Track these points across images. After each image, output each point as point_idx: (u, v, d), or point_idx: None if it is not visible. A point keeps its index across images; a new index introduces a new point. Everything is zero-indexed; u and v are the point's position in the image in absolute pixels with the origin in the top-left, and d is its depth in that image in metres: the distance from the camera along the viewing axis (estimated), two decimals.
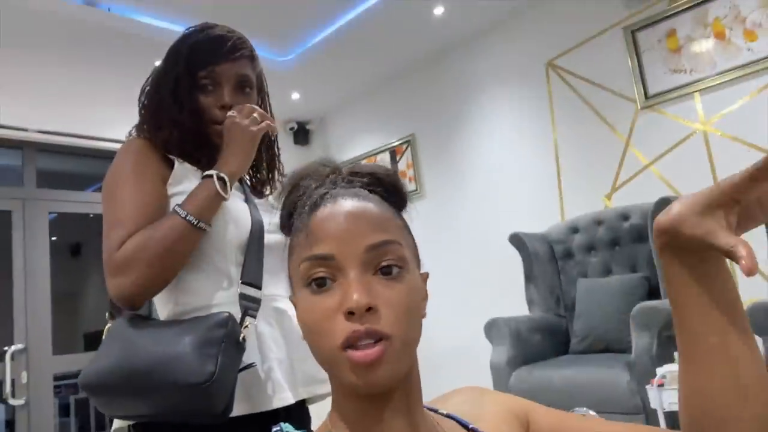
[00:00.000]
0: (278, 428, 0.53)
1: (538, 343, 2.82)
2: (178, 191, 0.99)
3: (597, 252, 2.99)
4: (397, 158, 4.27)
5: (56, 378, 3.18)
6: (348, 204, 0.54)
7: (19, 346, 3.01)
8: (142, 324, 0.93)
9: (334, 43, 3.61)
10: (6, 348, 2.96)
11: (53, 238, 3.30)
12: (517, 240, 3.11)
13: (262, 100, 1.16)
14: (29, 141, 3.26)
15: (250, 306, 0.94)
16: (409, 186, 4.09)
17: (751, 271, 0.42)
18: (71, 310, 4.60)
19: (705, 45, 2.87)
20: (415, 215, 0.62)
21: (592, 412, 1.63)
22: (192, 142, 1.03)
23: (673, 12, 2.96)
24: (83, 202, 3.46)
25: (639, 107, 3.08)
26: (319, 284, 0.52)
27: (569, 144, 3.36)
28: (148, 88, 1.09)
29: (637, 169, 3.08)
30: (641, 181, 3.06)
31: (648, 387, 2.03)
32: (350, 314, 0.50)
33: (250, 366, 0.91)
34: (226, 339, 0.85)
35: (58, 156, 3.53)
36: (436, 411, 0.60)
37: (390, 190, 0.60)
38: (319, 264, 0.52)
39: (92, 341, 4.36)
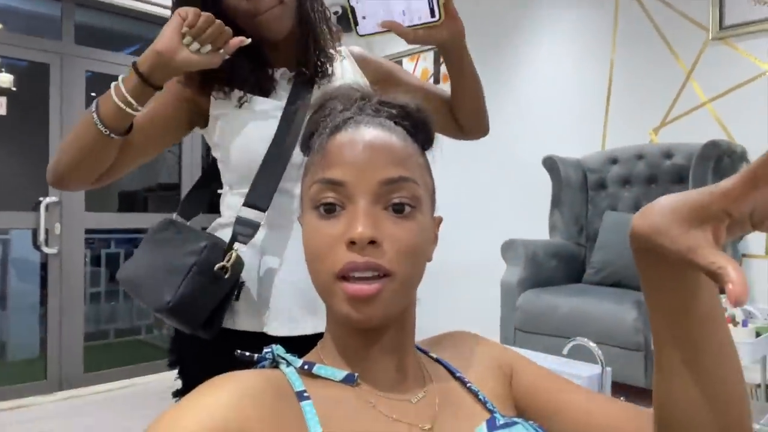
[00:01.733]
0: (269, 350, 0.54)
1: (553, 268, 2.83)
2: (220, 113, 0.96)
3: (632, 187, 2.90)
4: (441, 60, 4.06)
5: (87, 231, 3.34)
6: (370, 133, 0.52)
7: (53, 198, 3.14)
8: (168, 235, 0.93)
9: None
10: (41, 199, 3.09)
11: (92, 94, 3.31)
12: (550, 163, 3.02)
13: None
14: None
15: (242, 231, 0.89)
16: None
17: (739, 300, 0.36)
18: None
19: None
20: None
21: (592, 344, 1.66)
22: (226, 78, 0.92)
23: None
24: (120, 64, 3.43)
25: (710, 37, 2.83)
26: (327, 209, 0.51)
27: (626, 67, 3.14)
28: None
29: (693, 105, 2.89)
30: (694, 118, 2.88)
31: None
32: (352, 244, 0.48)
33: (240, 289, 0.90)
34: (196, 268, 0.84)
35: (98, 12, 3.46)
36: (426, 353, 0.61)
37: (418, 126, 0.57)
38: (330, 188, 0.51)
39: (126, 201, 4.52)
